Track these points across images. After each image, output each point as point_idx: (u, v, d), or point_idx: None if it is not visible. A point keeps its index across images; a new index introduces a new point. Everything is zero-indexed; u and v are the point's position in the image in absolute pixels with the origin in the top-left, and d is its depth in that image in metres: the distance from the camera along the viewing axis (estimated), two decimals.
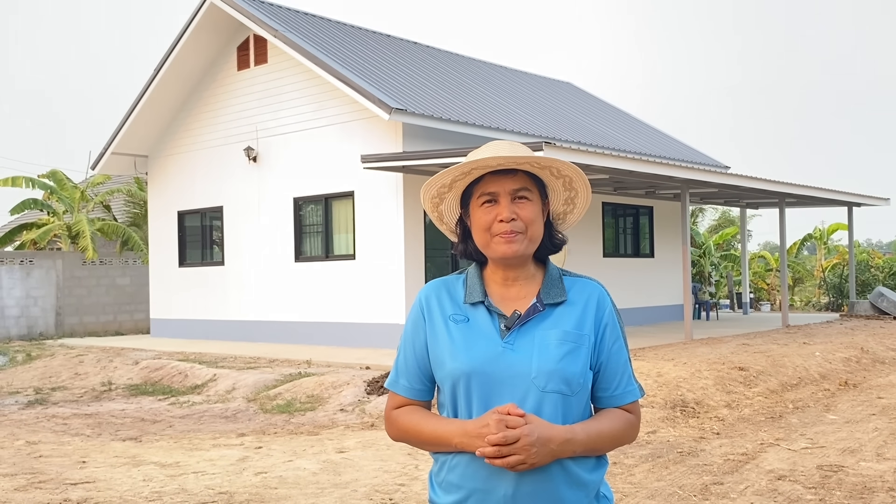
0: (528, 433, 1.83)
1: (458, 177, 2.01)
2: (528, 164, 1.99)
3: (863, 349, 12.99)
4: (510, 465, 1.83)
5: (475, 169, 1.98)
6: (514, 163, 1.97)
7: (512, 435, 1.82)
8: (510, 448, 1.82)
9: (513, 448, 1.82)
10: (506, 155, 1.95)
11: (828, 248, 29.28)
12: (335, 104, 14.86)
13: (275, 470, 6.61)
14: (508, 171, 1.99)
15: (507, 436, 1.82)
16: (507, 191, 1.98)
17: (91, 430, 8.95)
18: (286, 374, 11.39)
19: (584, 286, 2.06)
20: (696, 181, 14.91)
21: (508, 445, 1.82)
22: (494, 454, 1.82)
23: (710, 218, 31.84)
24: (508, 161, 1.96)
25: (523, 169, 2.00)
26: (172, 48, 16.62)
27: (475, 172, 2.00)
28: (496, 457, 1.83)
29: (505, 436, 1.82)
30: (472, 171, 2.00)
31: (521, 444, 1.82)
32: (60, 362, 14.23)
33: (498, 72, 21.35)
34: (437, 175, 2.02)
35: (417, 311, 2.09)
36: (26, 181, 22.44)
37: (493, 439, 1.82)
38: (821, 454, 6.89)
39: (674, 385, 9.42)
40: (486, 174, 2.00)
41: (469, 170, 1.98)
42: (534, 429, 1.84)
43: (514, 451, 1.82)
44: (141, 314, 21.47)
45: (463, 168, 1.97)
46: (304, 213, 15.64)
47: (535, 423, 1.86)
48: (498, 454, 1.82)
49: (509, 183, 1.98)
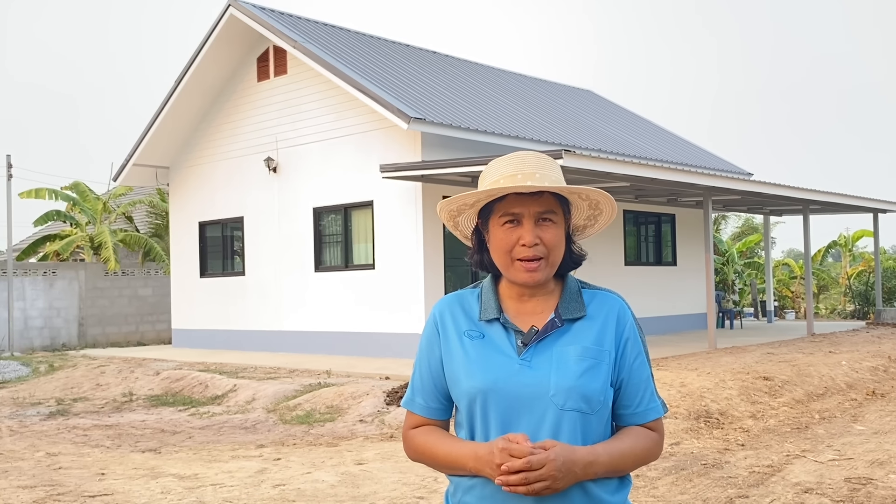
0: (555, 457, 1.75)
1: (482, 198, 1.95)
2: (557, 191, 1.92)
3: (890, 358, 12.77)
4: (535, 492, 1.76)
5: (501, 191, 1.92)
6: (542, 188, 1.90)
7: (537, 460, 1.74)
8: (536, 475, 1.74)
9: (539, 475, 1.74)
10: (536, 177, 1.88)
11: (853, 255, 28.92)
12: (354, 114, 14.86)
13: (293, 482, 6.56)
14: (534, 192, 1.92)
15: (531, 461, 1.74)
16: (532, 213, 1.91)
17: (111, 442, 8.95)
18: (306, 384, 11.36)
19: (605, 300, 1.99)
20: (718, 188, 14.77)
21: (534, 472, 1.74)
22: (519, 482, 1.75)
23: (733, 225, 31.56)
24: (539, 188, 1.89)
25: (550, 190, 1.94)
26: (193, 60, 16.71)
27: (499, 193, 1.93)
28: (520, 484, 1.75)
29: (529, 461, 1.74)
30: (495, 193, 1.93)
31: (546, 471, 1.74)
32: (82, 373, 14.29)
33: (517, 80, 21.30)
34: (460, 196, 1.95)
35: (432, 327, 2.03)
36: (49, 193, 22.65)
37: (517, 465, 1.74)
38: (849, 466, 6.74)
39: (697, 395, 9.29)
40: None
41: (495, 194, 1.92)
42: (558, 453, 1.77)
43: (540, 477, 1.75)
44: (163, 324, 21.56)
45: (490, 193, 1.91)
46: (323, 223, 15.64)
47: (558, 448, 1.78)
48: (524, 482, 1.75)
49: (534, 205, 1.91)
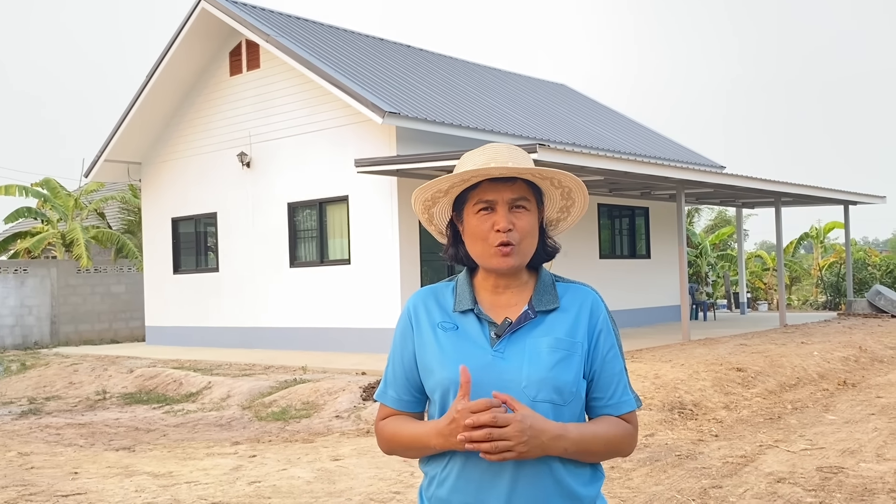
0: (521, 419, 1.74)
1: (457, 183, 1.95)
2: (529, 174, 1.93)
3: (861, 348, 12.94)
4: (499, 451, 1.73)
5: (475, 177, 1.92)
6: (516, 172, 1.90)
7: (503, 418, 1.72)
8: (500, 432, 1.72)
9: (503, 432, 1.72)
10: (509, 165, 1.88)
11: (824, 246, 29.28)
12: (328, 108, 14.79)
13: (269, 479, 6.53)
14: (507, 179, 1.92)
15: (497, 417, 1.71)
16: (505, 200, 1.91)
17: (84, 440, 8.87)
18: (281, 380, 11.31)
19: (577, 292, 2.00)
20: (691, 181, 14.88)
21: (499, 428, 1.71)
22: (483, 438, 1.72)
23: (706, 218, 31.84)
24: (511, 171, 1.89)
25: (522, 177, 1.94)
26: (164, 54, 16.55)
27: (474, 179, 1.94)
28: (484, 441, 1.72)
29: (495, 416, 1.71)
30: (470, 179, 1.93)
31: (511, 430, 1.72)
32: (55, 371, 14.14)
33: (491, 74, 21.30)
34: (434, 181, 1.95)
35: (405, 320, 2.03)
36: (20, 190, 22.34)
37: (483, 419, 1.71)
38: (820, 455, 6.83)
39: (671, 387, 9.36)
40: (484, 180, 1.94)
41: (469, 178, 1.92)
42: (526, 416, 1.76)
43: (505, 435, 1.72)
44: (136, 322, 21.36)
45: (463, 176, 1.91)
46: (298, 219, 15.56)
47: (527, 411, 1.77)
48: (487, 437, 1.72)
49: (508, 192, 1.91)
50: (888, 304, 19.66)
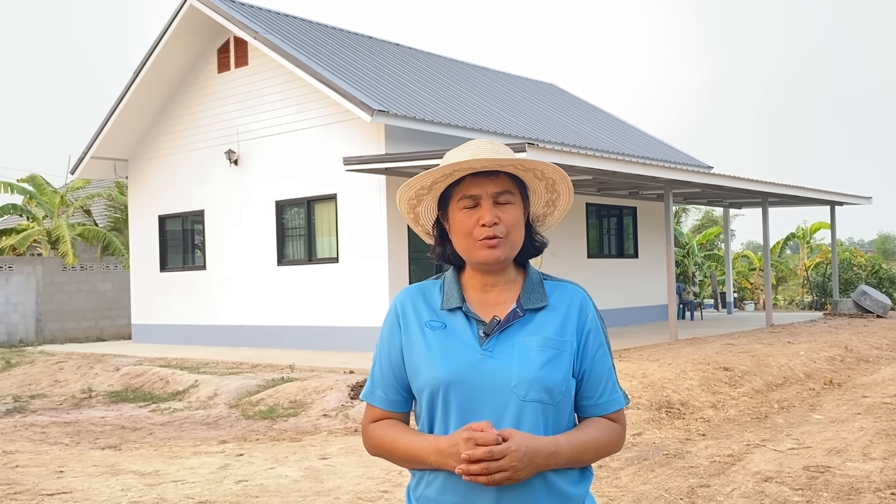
0: (516, 448, 1.73)
1: (439, 178, 1.93)
2: (511, 167, 1.91)
3: (847, 348, 13.01)
4: (496, 483, 1.74)
5: (457, 171, 1.91)
6: (497, 165, 1.89)
7: (499, 450, 1.72)
8: (497, 465, 1.72)
9: (500, 465, 1.72)
10: (490, 158, 1.87)
11: (811, 247, 29.40)
12: (317, 106, 14.75)
13: (256, 478, 6.50)
14: (490, 173, 1.91)
15: (492, 451, 1.72)
16: (490, 193, 1.90)
17: (70, 439, 8.81)
18: (269, 379, 11.27)
19: (566, 291, 1.99)
20: (679, 181, 14.91)
21: (495, 462, 1.72)
22: (480, 471, 1.72)
23: (693, 218, 31.95)
24: (493, 164, 1.88)
25: (506, 171, 1.93)
26: (152, 51, 16.46)
27: (457, 174, 1.92)
28: (481, 474, 1.73)
29: (490, 451, 1.71)
30: (453, 174, 1.91)
31: (507, 461, 1.72)
32: (40, 369, 14.04)
33: (480, 73, 21.30)
34: (416, 177, 1.94)
35: (392, 318, 2.01)
36: (5, 186, 22.18)
37: (478, 454, 1.72)
38: (807, 455, 6.85)
39: (659, 386, 9.38)
40: (467, 176, 1.92)
41: (451, 172, 1.90)
42: (520, 444, 1.75)
43: (501, 467, 1.72)
44: (123, 320, 21.25)
45: (444, 170, 1.89)
46: (286, 217, 15.52)
47: (520, 438, 1.76)
48: (484, 471, 1.72)
49: (491, 185, 1.90)
50: (874, 305, 19.77)
